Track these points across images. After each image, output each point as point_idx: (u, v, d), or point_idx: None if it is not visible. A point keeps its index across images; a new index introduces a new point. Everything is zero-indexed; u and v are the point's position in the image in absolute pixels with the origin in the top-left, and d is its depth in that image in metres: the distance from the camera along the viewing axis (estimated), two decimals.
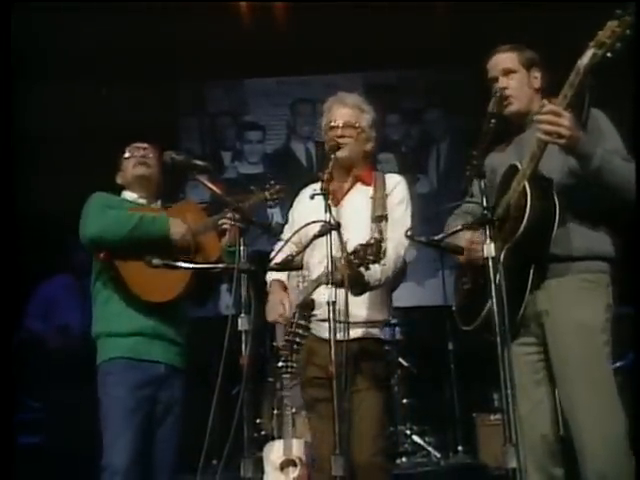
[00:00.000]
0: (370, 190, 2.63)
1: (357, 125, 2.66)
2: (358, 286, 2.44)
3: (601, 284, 2.33)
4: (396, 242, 2.52)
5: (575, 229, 2.32)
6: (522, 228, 2.21)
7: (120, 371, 2.64)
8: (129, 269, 2.64)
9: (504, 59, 2.50)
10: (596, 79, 2.12)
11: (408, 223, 2.59)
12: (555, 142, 2.16)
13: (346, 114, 2.66)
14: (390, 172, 2.81)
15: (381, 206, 2.56)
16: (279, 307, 2.62)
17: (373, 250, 2.26)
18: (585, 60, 2.10)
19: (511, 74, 2.48)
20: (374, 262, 2.29)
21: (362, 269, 2.34)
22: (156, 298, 2.67)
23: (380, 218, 2.51)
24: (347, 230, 2.36)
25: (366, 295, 2.56)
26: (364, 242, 2.30)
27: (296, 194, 2.87)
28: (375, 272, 2.45)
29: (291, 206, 2.87)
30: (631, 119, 2.39)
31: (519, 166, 2.31)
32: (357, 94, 2.77)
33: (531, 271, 2.30)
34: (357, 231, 2.48)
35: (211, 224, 2.77)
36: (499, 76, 2.49)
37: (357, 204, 2.64)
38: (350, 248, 2.31)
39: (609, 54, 2.05)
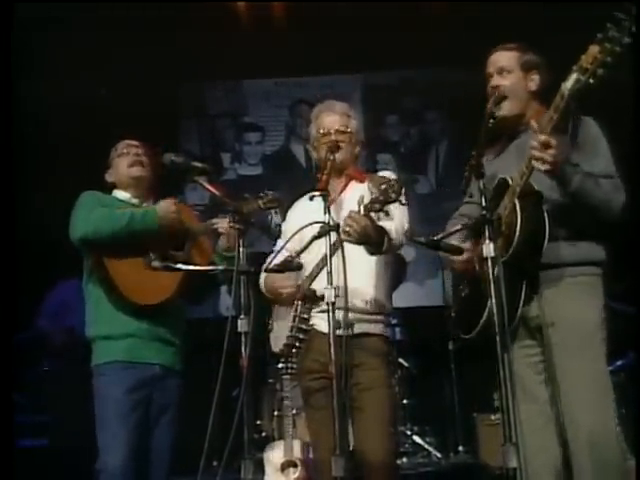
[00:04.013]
0: (364, 186, 2.62)
1: (348, 130, 2.75)
2: (376, 240, 2.44)
3: (594, 286, 2.37)
4: (398, 220, 2.55)
5: (565, 237, 2.34)
6: (512, 249, 2.23)
7: (115, 373, 2.61)
8: (119, 270, 2.60)
9: (502, 57, 2.49)
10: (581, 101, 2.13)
11: (406, 211, 2.62)
12: (539, 168, 2.19)
13: (336, 121, 2.75)
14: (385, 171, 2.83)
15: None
16: (285, 282, 2.61)
17: (395, 188, 2.28)
18: (568, 85, 2.10)
19: (505, 73, 2.46)
20: (395, 200, 2.29)
21: (380, 214, 2.34)
22: (147, 300, 2.64)
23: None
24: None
25: (369, 282, 2.60)
26: (383, 186, 2.31)
27: (289, 205, 2.86)
28: (390, 229, 2.48)
29: (284, 219, 2.85)
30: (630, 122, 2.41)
31: (510, 181, 2.32)
32: (343, 102, 2.86)
33: (524, 282, 2.31)
34: None
35: (203, 228, 2.75)
36: (494, 73, 2.48)
37: (353, 199, 2.62)
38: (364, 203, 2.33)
39: (591, 80, 2.05)
